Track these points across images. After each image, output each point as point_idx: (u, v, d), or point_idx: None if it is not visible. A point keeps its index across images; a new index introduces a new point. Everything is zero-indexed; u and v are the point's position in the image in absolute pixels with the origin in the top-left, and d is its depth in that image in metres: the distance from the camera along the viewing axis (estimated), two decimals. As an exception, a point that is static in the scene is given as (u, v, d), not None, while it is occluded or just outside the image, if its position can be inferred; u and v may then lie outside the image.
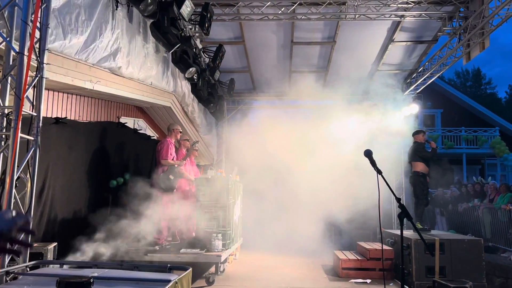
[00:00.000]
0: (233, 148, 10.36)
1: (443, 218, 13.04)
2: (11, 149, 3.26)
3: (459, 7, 7.99)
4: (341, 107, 10.81)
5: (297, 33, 9.32)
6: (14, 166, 3.23)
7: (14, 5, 3.50)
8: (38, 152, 3.65)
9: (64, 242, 5.11)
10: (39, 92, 3.69)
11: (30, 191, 3.56)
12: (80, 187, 6.03)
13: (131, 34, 5.81)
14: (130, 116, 7.92)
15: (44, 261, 3.75)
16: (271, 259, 9.38)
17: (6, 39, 3.43)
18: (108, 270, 3.11)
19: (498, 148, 21.07)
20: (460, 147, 21.78)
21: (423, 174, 8.01)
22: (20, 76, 3.34)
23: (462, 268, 6.74)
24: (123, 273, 3.13)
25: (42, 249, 4.08)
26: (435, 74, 10.31)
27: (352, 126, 9.78)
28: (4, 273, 3.04)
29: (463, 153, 21.65)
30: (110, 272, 3.08)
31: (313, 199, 9.56)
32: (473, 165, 22.53)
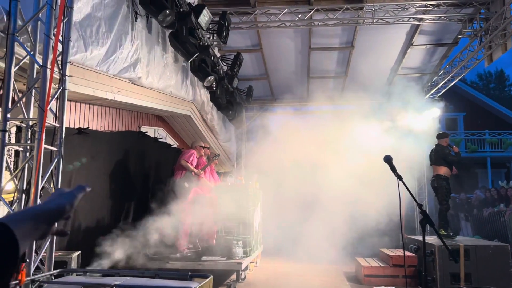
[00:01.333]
0: (252, 155, 10.39)
1: (468, 223, 12.77)
2: (35, 160, 3.34)
3: (479, 9, 7.87)
4: (361, 112, 10.73)
5: (314, 39, 9.32)
6: (39, 177, 3.31)
7: (37, 20, 3.60)
8: (61, 162, 3.73)
9: (88, 250, 5.19)
10: (62, 103, 3.78)
11: (54, 201, 3.63)
12: (102, 196, 6.12)
13: (151, 44, 5.90)
14: (151, 125, 8.02)
15: (68, 270, 3.82)
16: (292, 266, 9.32)
17: (30, 53, 3.53)
18: (130, 278, 3.15)
19: (523, 151, 20.57)
20: (484, 150, 21.33)
21: (445, 178, 7.87)
22: (43, 88, 3.43)
23: (488, 275, 6.57)
24: (145, 281, 3.16)
25: (66, 258, 4.15)
26: (456, 77, 10.16)
27: (372, 131, 9.68)
28: (30, 281, 3.10)
29: (488, 156, 21.19)
30: (132, 280, 3.12)
31: (334, 205, 9.48)
32: (498, 168, 22.04)
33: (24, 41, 3.50)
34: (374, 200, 8.95)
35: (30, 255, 3.18)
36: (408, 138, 10.85)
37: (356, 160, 9.22)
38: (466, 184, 16.76)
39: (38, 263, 3.39)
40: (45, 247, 3.50)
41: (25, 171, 3.57)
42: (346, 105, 12.44)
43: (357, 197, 9.13)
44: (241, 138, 12.93)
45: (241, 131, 12.83)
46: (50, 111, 3.55)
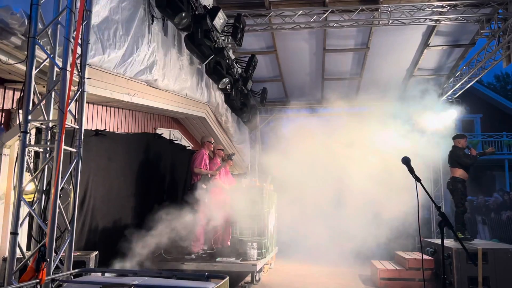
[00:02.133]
0: (267, 157, 10.38)
1: (485, 226, 12.58)
2: (55, 161, 3.39)
3: (497, 9, 7.77)
4: (376, 114, 10.66)
5: (329, 41, 9.30)
6: (58, 177, 3.36)
7: (57, 23, 3.66)
8: (80, 163, 3.78)
9: (105, 250, 5.24)
10: (81, 105, 3.83)
11: (73, 202, 3.68)
12: (119, 197, 6.18)
13: (167, 47, 5.95)
14: (166, 127, 8.08)
15: (87, 269, 3.86)
16: (306, 269, 9.30)
17: (50, 56, 3.59)
18: (147, 278, 3.17)
19: (542, 153, 20.19)
20: (502, 152, 20.98)
21: (462, 180, 7.75)
22: (63, 90, 3.48)
23: (508, 279, 6.47)
24: (162, 281, 3.18)
25: (84, 258, 4.21)
26: (474, 78, 10.03)
27: (388, 133, 9.60)
28: (50, 280, 3.15)
29: (505, 159, 20.84)
30: (149, 280, 3.14)
31: (350, 208, 9.43)
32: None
33: (44, 44, 3.56)
34: (390, 203, 8.87)
35: (50, 254, 3.23)
36: (424, 140, 10.74)
37: (372, 162, 9.16)
38: (484, 187, 16.53)
39: (57, 262, 3.44)
40: (64, 247, 3.55)
41: (45, 172, 3.63)
42: (361, 107, 12.37)
43: (373, 200, 9.06)
44: (255, 140, 12.95)
45: (255, 133, 12.85)
46: (69, 113, 3.60)
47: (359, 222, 9.66)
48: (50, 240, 3.26)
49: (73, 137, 3.78)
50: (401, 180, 6.21)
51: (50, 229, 3.28)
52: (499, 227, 11.75)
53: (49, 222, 3.29)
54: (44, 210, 3.58)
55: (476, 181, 14.24)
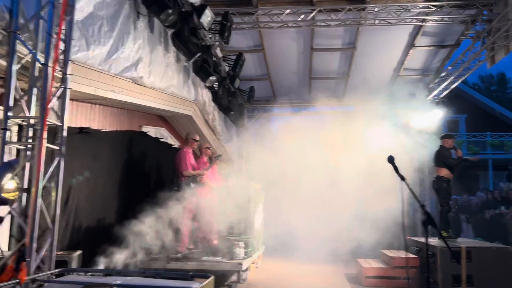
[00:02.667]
0: (254, 155, 10.37)
1: (469, 225, 12.73)
2: (36, 158, 3.33)
3: (482, 10, 7.84)
4: (363, 113, 10.70)
5: (316, 40, 9.31)
6: (40, 176, 3.30)
7: (40, 18, 3.59)
8: (63, 161, 3.71)
9: (89, 250, 5.17)
10: (64, 102, 3.77)
11: (55, 200, 3.62)
12: (103, 196, 6.11)
13: (153, 44, 5.89)
14: (152, 125, 8.01)
15: (69, 269, 3.81)
16: (293, 267, 9.31)
17: (32, 51, 3.52)
18: (131, 278, 3.13)
19: (526, 153, 20.52)
20: (486, 152, 21.28)
21: (447, 180, 7.83)
22: (45, 87, 3.42)
23: (490, 277, 6.55)
24: (146, 281, 3.15)
25: (67, 257, 4.15)
26: (459, 79, 10.13)
27: (374, 132, 9.65)
28: (30, 280, 3.09)
29: (489, 159, 21.14)
30: (133, 279, 3.10)
31: (336, 207, 9.46)
32: (499, 171, 21.97)
33: (26, 39, 3.49)
34: (376, 201, 8.92)
35: (30, 254, 3.17)
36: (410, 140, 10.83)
37: (358, 161, 9.20)
38: (468, 186, 16.74)
39: (39, 262, 3.38)
40: (45, 247, 3.49)
41: (26, 170, 3.56)
42: (348, 106, 12.43)
43: (360, 198, 9.11)
44: (242, 138, 12.91)
45: (242, 132, 12.81)
46: (51, 109, 3.54)
47: (345, 221, 9.70)
48: (30, 239, 3.19)
49: (55, 134, 3.72)
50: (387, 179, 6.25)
51: (31, 228, 3.22)
52: (482, 225, 11.90)
53: (30, 221, 3.23)
54: (26, 209, 3.51)
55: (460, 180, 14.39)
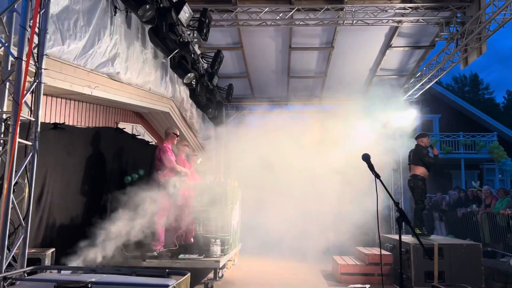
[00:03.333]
0: (232, 153, 10.37)
1: (442, 223, 13.03)
2: (9, 154, 3.25)
3: (456, 13, 8.03)
4: (339, 112, 10.82)
5: (295, 39, 9.36)
6: (12, 171, 3.23)
7: (13, 11, 3.50)
8: (36, 157, 3.64)
9: (63, 247, 5.09)
10: (37, 97, 3.69)
11: (28, 197, 3.55)
12: (78, 193, 6.01)
13: (130, 39, 5.82)
14: (129, 121, 7.92)
15: (42, 267, 3.73)
16: (269, 265, 9.36)
17: (5, 45, 3.43)
18: (106, 275, 3.10)
19: (496, 153, 21.12)
20: (459, 152, 21.83)
21: (422, 178, 8.00)
22: (18, 81, 3.34)
23: (461, 273, 6.73)
24: (121, 278, 3.12)
25: (39, 255, 4.07)
26: (433, 79, 10.35)
27: (350, 131, 9.78)
28: (1, 278, 3.02)
29: (462, 158, 21.69)
30: (108, 277, 3.06)
31: (312, 204, 9.56)
32: (471, 170, 22.56)
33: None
34: (351, 199, 9.05)
35: (2, 251, 3.10)
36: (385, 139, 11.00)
37: (334, 159, 9.31)
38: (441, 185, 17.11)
39: (10, 260, 3.31)
40: (17, 244, 3.42)
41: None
42: (325, 105, 12.56)
43: (335, 196, 9.21)
44: (220, 136, 12.87)
45: (220, 130, 12.77)
46: (25, 104, 3.47)
47: (322, 219, 9.81)
48: (2, 236, 3.13)
49: (29, 130, 3.64)
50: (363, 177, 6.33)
51: (3, 225, 3.15)
52: (454, 223, 12.20)
53: (1, 218, 3.15)
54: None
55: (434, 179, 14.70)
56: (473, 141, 21.95)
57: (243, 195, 9.47)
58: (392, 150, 11.93)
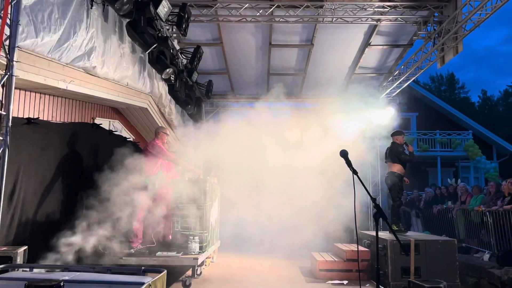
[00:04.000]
0: (211, 150, 10.31)
1: (419, 219, 13.24)
2: (-22, 149, 3.15)
3: (433, 12, 8.14)
4: (318, 109, 10.87)
5: (275, 36, 9.34)
6: (-18, 167, 3.13)
7: (-17, 1, 3.39)
8: (7, 152, 3.54)
9: (36, 245, 4.97)
10: (9, 90, 3.58)
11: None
12: (53, 190, 5.87)
13: (107, 33, 5.71)
14: (106, 117, 7.78)
15: (13, 265, 3.63)
16: (248, 262, 9.35)
17: (-26, 36, 3.32)
18: (79, 274, 3.03)
19: (471, 151, 21.57)
20: (435, 150, 22.24)
21: (399, 175, 8.11)
22: (-12, 74, 3.24)
23: (437, 269, 6.84)
24: (95, 276, 3.05)
25: (11, 253, 3.96)
26: (411, 78, 10.48)
27: (329, 128, 9.84)
28: (-31, 277, 2.93)
29: (438, 156, 22.09)
30: (81, 275, 3.00)
31: (291, 201, 9.57)
32: (447, 167, 23.01)
33: (-33, 22, 3.29)
34: (331, 196, 9.10)
35: (-30, 250, 3.00)
36: (364, 136, 11.10)
37: (313, 157, 9.35)
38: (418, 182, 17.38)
39: (-21, 258, 3.21)
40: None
41: (-33, 161, 3.37)
42: (305, 103, 12.60)
43: (314, 193, 9.25)
44: (200, 132, 12.78)
45: (199, 126, 12.68)
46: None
47: (301, 215, 9.85)
48: (-29, 234, 3.03)
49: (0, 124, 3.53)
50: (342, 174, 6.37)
51: (-28, 222, 3.05)
52: (430, 220, 12.41)
53: (-30, 215, 3.06)
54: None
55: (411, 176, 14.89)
56: (449, 139, 22.39)
57: (222, 192, 9.43)
58: (371, 147, 12.06)
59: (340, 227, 10.55)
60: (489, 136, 23.75)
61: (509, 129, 34.20)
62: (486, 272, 8.16)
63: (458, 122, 23.74)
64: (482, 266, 8.50)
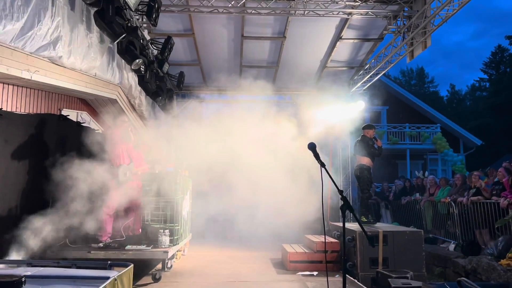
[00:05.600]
0: (183, 142, 10.22)
1: (388, 211, 13.52)
2: None
3: (403, 7, 8.26)
4: (290, 103, 10.90)
5: (247, 28, 9.30)
6: None
7: None
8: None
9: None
10: (-32, 80, 3.44)
11: (-43, 186, 3.32)
12: (17, 183, 5.71)
13: (73, 22, 5.55)
14: (73, 108, 7.59)
15: (-26, 261, 3.52)
16: (220, 254, 9.35)
17: None
18: (43, 269, 2.96)
19: (439, 144, 22.16)
20: (404, 142, 22.73)
21: (368, 168, 8.25)
22: None
23: (404, 259, 7.01)
24: (60, 271, 2.99)
25: (-28, 248, 3.83)
26: (381, 72, 10.63)
27: (300, 121, 9.90)
28: None
29: (407, 148, 22.59)
30: (45, 270, 2.93)
31: (262, 194, 9.60)
32: (416, 160, 23.56)
33: None
34: (302, 188, 9.17)
35: None
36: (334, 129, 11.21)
37: (285, 149, 9.39)
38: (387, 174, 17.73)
39: None
40: None
41: None
42: (277, 95, 12.63)
43: (285, 185, 9.30)
44: (171, 124, 12.64)
45: (171, 118, 12.54)
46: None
47: (272, 207, 9.90)
48: None
49: (-42, 115, 3.40)
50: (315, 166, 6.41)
51: None
52: (399, 211, 12.69)
53: None
54: None
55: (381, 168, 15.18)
56: (418, 133, 22.90)
57: (194, 185, 9.38)
58: (341, 140, 12.21)
59: (311, 218, 10.65)
60: (456, 129, 24.43)
61: (475, 123, 35.31)
62: (452, 261, 8.42)
63: (427, 116, 24.30)
64: (448, 256, 8.77)
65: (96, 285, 2.54)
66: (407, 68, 48.60)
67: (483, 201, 8.77)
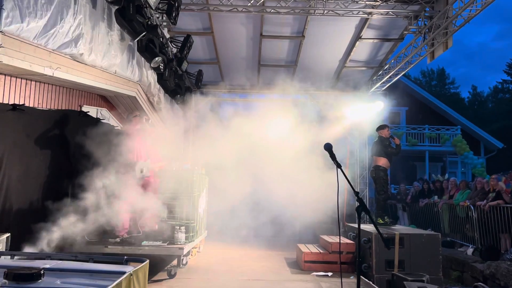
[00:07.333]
0: (200, 140, 10.28)
1: (405, 213, 13.37)
2: (-41, 135, 3.11)
3: (424, 7, 8.15)
4: (308, 102, 10.86)
5: (266, 27, 9.30)
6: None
7: (-34, -16, 3.32)
8: (-10, 139, 3.50)
9: (20, 233, 4.94)
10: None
11: (-20, 180, 3.41)
12: (38, 177, 5.83)
13: (95, 20, 5.63)
14: (93, 105, 7.70)
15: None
16: (235, 252, 9.39)
17: (-44, 19, 3.26)
18: (61, 262, 3.02)
19: (459, 146, 21.77)
20: (424, 144, 22.39)
21: (384, 169, 8.17)
22: (-29, 58, 3.19)
23: (420, 262, 6.93)
24: (77, 264, 3.04)
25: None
26: (401, 72, 10.51)
27: (318, 121, 9.86)
28: (-51, 264, 2.90)
29: (426, 150, 22.26)
30: (63, 263, 2.99)
31: (279, 193, 9.60)
32: (435, 162, 23.22)
33: (-51, 5, 3.22)
34: (318, 188, 9.14)
35: (-50, 236, 2.97)
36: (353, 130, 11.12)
37: (303, 149, 9.36)
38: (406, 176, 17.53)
39: (-40, 245, 3.18)
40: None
41: None
42: (295, 95, 12.59)
43: (303, 185, 9.28)
44: (189, 122, 12.73)
45: (189, 116, 12.62)
46: (-23, 83, 3.31)
47: (289, 207, 9.89)
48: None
49: (-18, 110, 3.49)
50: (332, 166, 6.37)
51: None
52: (416, 213, 12.54)
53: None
54: None
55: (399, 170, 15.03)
56: (438, 134, 22.55)
57: (210, 182, 9.42)
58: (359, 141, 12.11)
59: (328, 219, 10.62)
60: (477, 131, 23.98)
61: (497, 125, 34.57)
62: (469, 266, 8.29)
63: (447, 117, 23.92)
64: (466, 260, 8.63)
65: (112, 280, 2.58)
66: (428, 68, 47.88)
67: (503, 205, 8.60)
